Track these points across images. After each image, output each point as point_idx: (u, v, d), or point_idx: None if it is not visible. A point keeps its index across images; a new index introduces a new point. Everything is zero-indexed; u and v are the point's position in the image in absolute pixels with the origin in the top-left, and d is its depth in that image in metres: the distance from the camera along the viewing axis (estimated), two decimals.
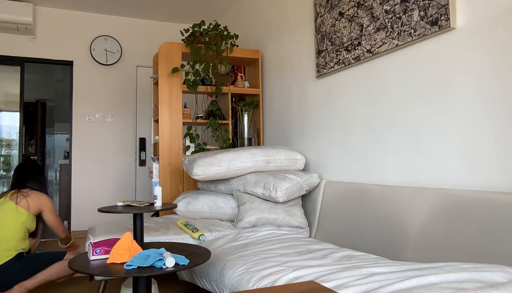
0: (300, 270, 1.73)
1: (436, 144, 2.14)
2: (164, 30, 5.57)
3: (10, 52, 4.84)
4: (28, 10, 4.57)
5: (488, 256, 1.71)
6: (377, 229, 2.31)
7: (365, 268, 1.67)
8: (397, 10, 2.33)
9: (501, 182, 1.82)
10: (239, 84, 4.05)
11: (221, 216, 3.08)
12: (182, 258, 1.79)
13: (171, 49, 3.77)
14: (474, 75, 1.94)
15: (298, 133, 3.45)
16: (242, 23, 4.64)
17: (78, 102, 5.08)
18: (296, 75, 3.49)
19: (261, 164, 3.04)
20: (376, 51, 2.50)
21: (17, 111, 5.00)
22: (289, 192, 2.80)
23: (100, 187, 5.11)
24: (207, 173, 2.88)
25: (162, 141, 3.70)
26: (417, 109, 2.26)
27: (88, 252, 1.99)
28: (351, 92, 2.80)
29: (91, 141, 5.11)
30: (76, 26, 5.13)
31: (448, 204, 1.94)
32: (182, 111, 3.80)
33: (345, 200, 2.65)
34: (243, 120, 4.02)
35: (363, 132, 2.68)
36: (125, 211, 2.16)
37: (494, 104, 1.85)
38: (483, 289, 1.15)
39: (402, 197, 2.22)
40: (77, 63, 5.11)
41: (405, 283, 1.39)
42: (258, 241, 2.44)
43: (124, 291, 2.28)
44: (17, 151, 5.80)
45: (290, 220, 2.81)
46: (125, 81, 5.33)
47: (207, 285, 2.16)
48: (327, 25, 2.98)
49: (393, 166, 2.43)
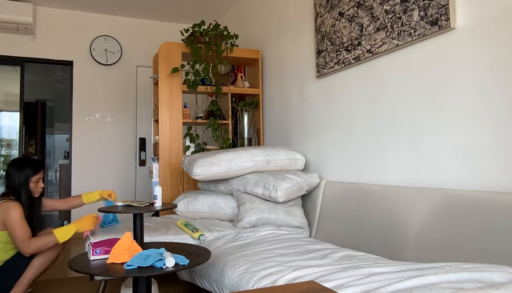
0: (300, 270, 1.73)
1: (436, 144, 2.14)
2: (164, 30, 5.57)
3: (10, 52, 4.84)
4: (28, 10, 4.57)
5: (488, 256, 1.71)
6: (377, 229, 2.31)
7: (365, 268, 1.67)
8: (397, 10, 2.33)
9: (501, 182, 1.82)
10: (239, 84, 4.05)
11: (221, 216, 3.08)
12: (182, 258, 1.79)
13: (171, 49, 3.77)
14: (474, 75, 1.94)
15: (298, 133, 3.45)
16: (242, 23, 4.64)
17: (78, 102, 5.08)
18: (296, 75, 3.49)
19: (261, 164, 3.04)
20: (376, 51, 2.50)
21: (17, 111, 5.00)
22: (289, 192, 2.80)
23: (100, 187, 5.11)
24: (207, 173, 2.88)
25: (162, 142, 3.70)
26: (417, 109, 2.26)
27: (88, 252, 1.99)
28: (351, 92, 2.80)
29: (91, 141, 5.11)
30: (76, 26, 5.13)
31: (448, 204, 1.94)
32: (182, 111, 3.80)
33: (345, 200, 2.65)
34: (243, 120, 4.02)
35: (363, 132, 2.68)
36: (125, 211, 2.16)
37: (494, 104, 1.85)
38: (483, 289, 1.15)
39: (402, 197, 2.22)
40: (77, 63, 5.11)
41: (405, 283, 1.39)
42: (258, 241, 2.44)
43: (124, 291, 2.28)
44: (17, 151, 5.80)
45: (290, 220, 2.81)
46: (125, 81, 5.33)
47: (207, 285, 2.16)
48: (327, 25, 2.98)
49: (393, 166, 2.43)
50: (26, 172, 2.55)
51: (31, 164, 2.60)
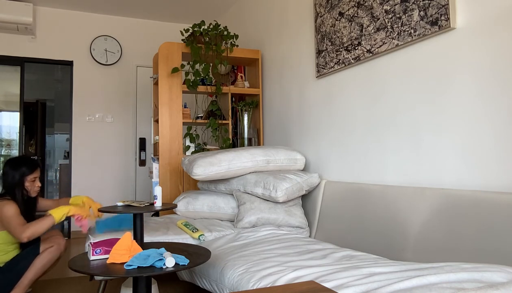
0: (300, 270, 1.73)
1: (436, 144, 2.14)
2: (164, 30, 5.57)
3: (10, 52, 4.84)
4: (28, 10, 4.58)
5: (488, 256, 1.71)
6: (377, 229, 2.31)
7: (365, 268, 1.67)
8: (397, 10, 2.33)
9: (501, 182, 1.82)
10: (239, 84, 4.05)
11: (221, 216, 3.08)
12: (182, 258, 1.79)
13: (171, 49, 3.77)
14: (474, 75, 1.94)
15: (298, 133, 3.45)
16: (242, 23, 4.64)
17: (78, 102, 5.08)
18: (296, 75, 3.49)
19: (261, 164, 3.04)
20: (376, 51, 2.50)
21: (17, 111, 5.00)
22: (289, 192, 2.80)
23: (100, 187, 5.11)
24: (207, 173, 2.88)
25: (162, 142, 3.70)
26: (417, 109, 2.26)
27: (88, 252, 1.99)
28: (351, 92, 2.80)
29: (91, 141, 5.11)
30: (76, 26, 5.13)
31: (448, 204, 1.94)
32: (182, 111, 3.80)
33: (345, 200, 2.65)
34: (243, 120, 4.02)
35: (363, 132, 2.68)
36: (125, 211, 2.15)
37: (494, 104, 1.85)
38: (483, 289, 1.15)
39: (402, 197, 2.22)
40: (77, 63, 5.11)
41: (405, 283, 1.39)
42: (258, 241, 2.44)
43: (124, 291, 2.28)
44: (17, 151, 5.80)
45: (290, 220, 2.81)
46: (125, 81, 5.33)
47: (207, 285, 2.16)
48: (327, 25, 2.98)
49: (393, 166, 2.43)
50: (21, 171, 2.53)
51: (26, 162, 2.58)
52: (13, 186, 2.51)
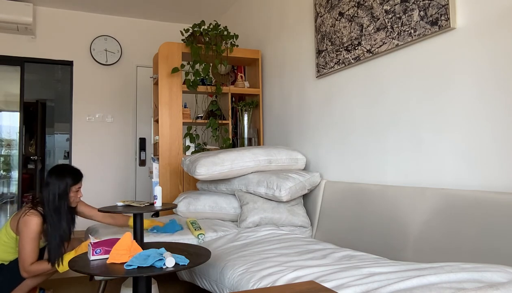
0: (300, 270, 1.73)
1: (436, 144, 2.14)
2: (164, 30, 5.57)
3: (10, 52, 4.84)
4: (28, 10, 4.57)
5: (488, 256, 1.71)
6: (377, 229, 2.31)
7: (365, 268, 1.67)
8: (397, 10, 2.33)
9: (501, 182, 1.82)
10: (239, 84, 4.05)
11: (223, 216, 3.08)
12: (182, 258, 1.79)
13: (171, 49, 3.77)
14: (474, 75, 1.94)
15: (298, 133, 3.45)
16: (242, 23, 4.64)
17: (78, 102, 5.08)
18: (296, 75, 3.49)
19: (263, 164, 3.04)
20: (376, 51, 2.50)
21: (17, 111, 5.00)
22: (292, 191, 2.80)
23: (100, 187, 5.11)
24: (211, 173, 2.88)
25: (162, 142, 3.70)
26: (417, 109, 2.26)
27: (88, 252, 1.99)
28: (351, 92, 2.80)
29: (91, 141, 5.11)
30: (76, 26, 5.13)
31: (448, 204, 1.94)
32: (182, 111, 3.80)
33: (345, 199, 2.65)
34: (243, 120, 4.02)
35: (363, 132, 2.68)
36: (125, 211, 2.15)
37: (494, 104, 1.85)
38: (483, 289, 1.15)
39: (402, 197, 2.22)
40: (77, 63, 5.11)
41: (405, 283, 1.39)
42: (258, 241, 2.44)
43: (124, 291, 2.28)
44: (17, 151, 5.80)
45: (293, 219, 2.81)
46: (125, 81, 5.33)
47: (207, 285, 2.16)
48: (327, 25, 2.98)
49: (393, 166, 2.43)
50: (65, 181, 2.44)
51: (71, 172, 2.49)
52: (57, 196, 2.41)
